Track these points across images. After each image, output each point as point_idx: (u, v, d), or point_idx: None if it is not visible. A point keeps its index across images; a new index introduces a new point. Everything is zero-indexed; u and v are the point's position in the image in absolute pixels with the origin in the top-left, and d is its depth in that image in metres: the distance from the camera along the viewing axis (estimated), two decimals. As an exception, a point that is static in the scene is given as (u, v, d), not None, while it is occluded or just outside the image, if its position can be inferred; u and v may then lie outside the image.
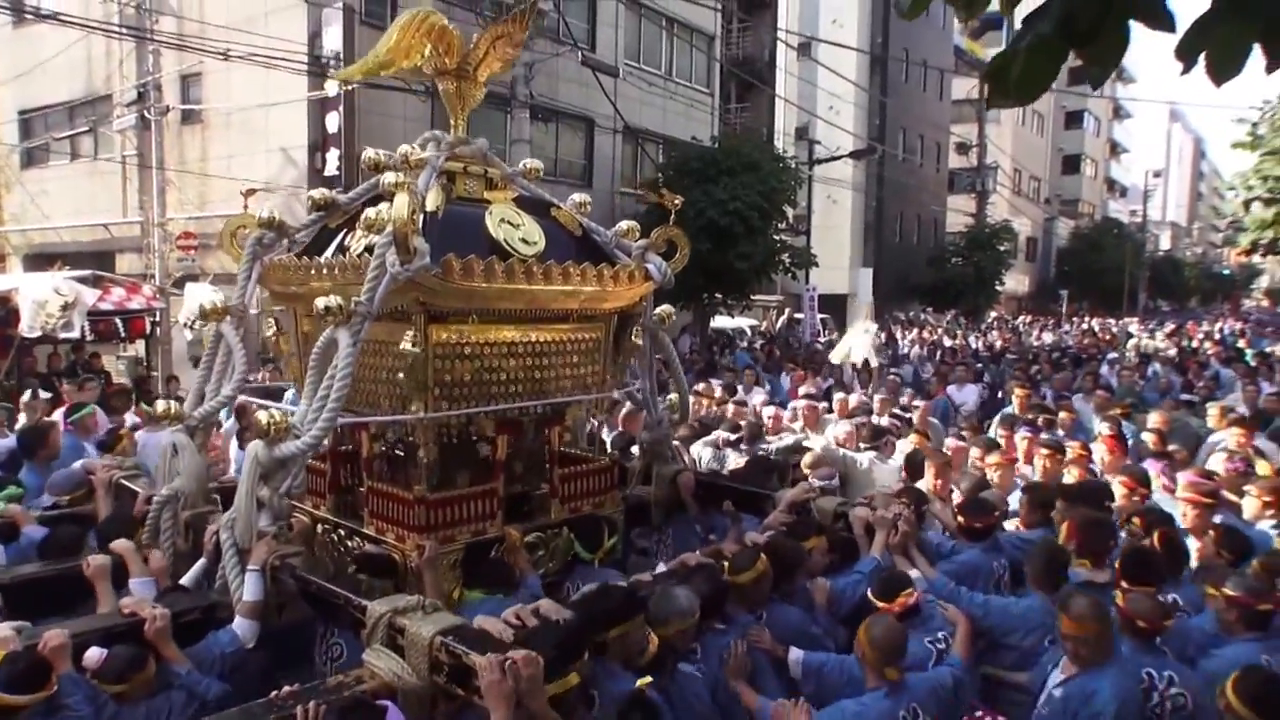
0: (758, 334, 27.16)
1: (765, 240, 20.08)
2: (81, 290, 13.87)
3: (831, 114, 28.92)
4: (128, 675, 3.35)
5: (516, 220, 4.64)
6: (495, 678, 2.82)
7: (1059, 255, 54.55)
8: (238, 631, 3.83)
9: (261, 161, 16.13)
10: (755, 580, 4.08)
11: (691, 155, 20.34)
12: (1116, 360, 18.39)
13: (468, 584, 4.33)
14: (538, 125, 17.16)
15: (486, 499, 4.53)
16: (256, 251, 4.73)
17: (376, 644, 3.37)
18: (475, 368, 4.43)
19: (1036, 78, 2.27)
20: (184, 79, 17.18)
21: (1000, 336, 28.26)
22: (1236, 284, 69.49)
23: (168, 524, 4.51)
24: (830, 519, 5.06)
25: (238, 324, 4.73)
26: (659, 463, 5.71)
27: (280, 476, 4.00)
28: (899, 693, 3.50)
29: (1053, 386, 12.89)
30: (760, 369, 15.78)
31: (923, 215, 40.97)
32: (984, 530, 4.89)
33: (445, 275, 4.02)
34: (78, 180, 19.43)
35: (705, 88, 24.65)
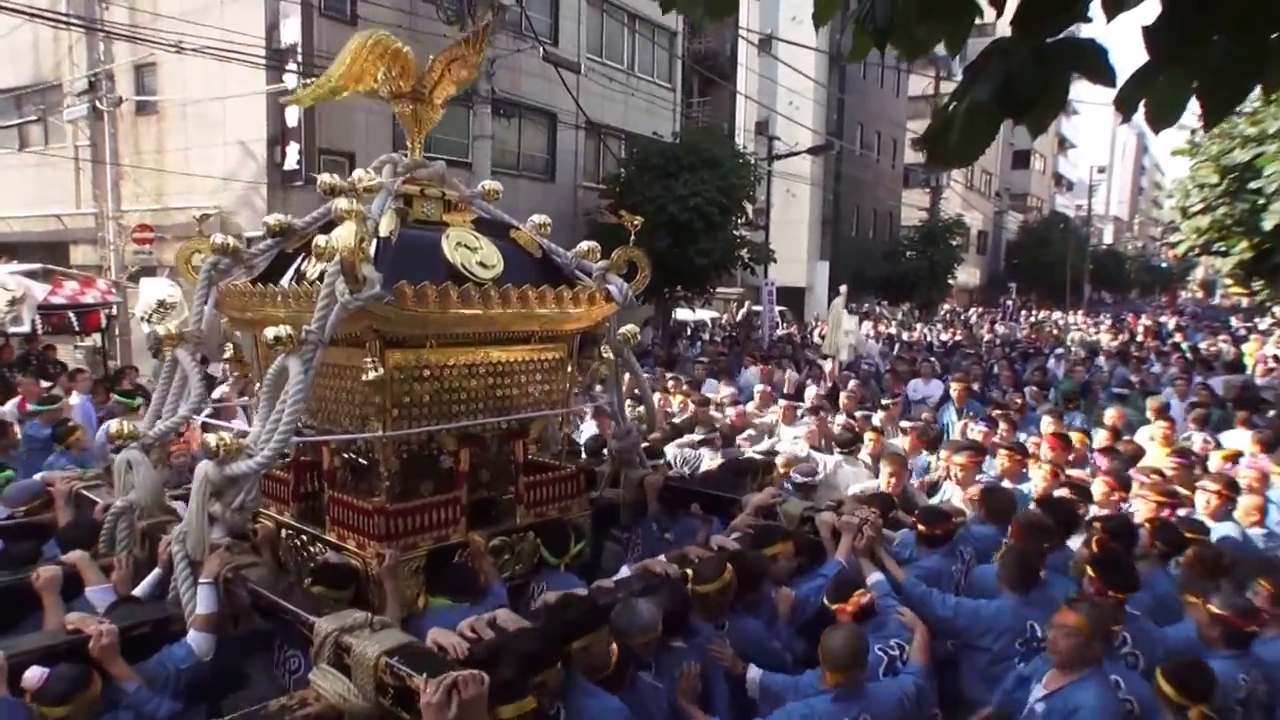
0: (718, 326, 27.15)
1: (725, 236, 20.05)
2: (30, 285, 13.53)
3: (791, 110, 28.93)
4: (70, 696, 3.10)
5: (474, 243, 4.51)
6: (437, 701, 2.70)
7: (1008, 249, 55.15)
8: (192, 646, 3.62)
9: (220, 155, 15.61)
10: (720, 591, 4.01)
11: (653, 151, 20.12)
12: (1063, 355, 18.63)
13: (431, 591, 4.24)
14: (500, 120, 16.84)
15: (449, 507, 4.44)
16: (212, 277, 4.62)
17: (323, 663, 3.20)
18: (435, 388, 4.37)
19: (974, 141, 2.26)
20: (138, 69, 16.52)
21: (952, 330, 28.39)
22: (1173, 277, 70.81)
23: (124, 534, 4.42)
24: (796, 523, 4.98)
25: (193, 349, 4.65)
26: (627, 468, 5.71)
27: (232, 493, 3.91)
28: (849, 699, 3.43)
29: (1002, 383, 12.91)
30: (720, 362, 15.80)
31: (879, 210, 41.26)
32: (943, 537, 4.86)
33: (399, 303, 3.90)
34: (26, 170, 18.65)
35: (667, 83, 24.42)
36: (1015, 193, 58.92)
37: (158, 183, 16.50)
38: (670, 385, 11.22)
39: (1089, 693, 3.46)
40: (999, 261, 55.14)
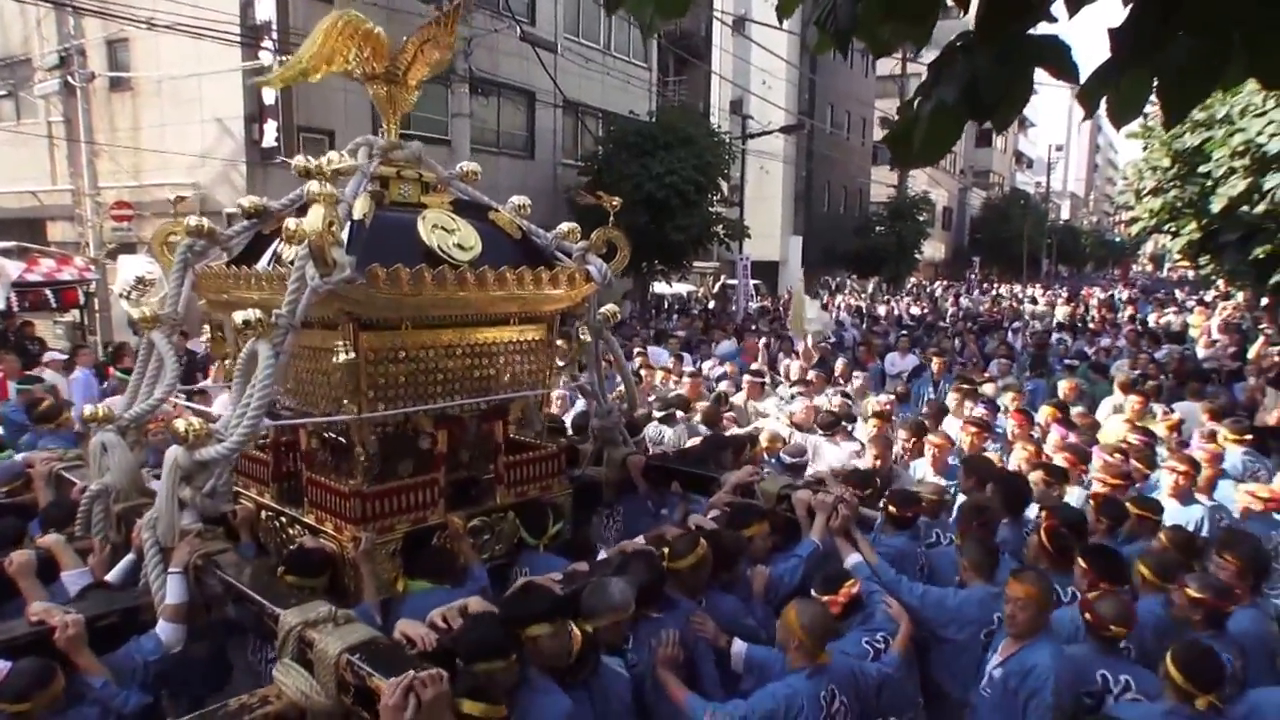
0: (694, 300, 27.07)
1: (701, 212, 20.00)
2: (3, 263, 13.18)
3: (764, 89, 28.81)
4: (31, 693, 2.90)
5: (451, 225, 4.30)
6: (395, 703, 2.52)
7: (972, 224, 55.24)
8: (161, 637, 3.45)
9: (196, 132, 15.13)
10: (694, 567, 3.88)
11: (630, 130, 20.00)
12: (1021, 328, 18.80)
13: (410, 574, 4.07)
14: (479, 99, 16.49)
15: (427, 488, 4.28)
16: (188, 259, 4.42)
17: (287, 658, 3.00)
18: (411, 370, 4.19)
19: (939, 142, 2.24)
20: (110, 44, 15.89)
21: (918, 303, 28.44)
22: (1126, 251, 71.33)
23: (99, 517, 4.23)
24: (773, 501, 4.83)
25: (170, 332, 4.45)
26: (610, 446, 5.56)
27: (203, 478, 3.73)
28: (820, 673, 3.36)
29: (966, 356, 12.95)
30: (697, 336, 15.74)
31: (849, 186, 41.22)
32: (911, 519, 4.73)
33: (371, 286, 3.71)
34: (1, 146, 17.91)
35: (643, 63, 24.08)
36: (978, 170, 59.05)
37: (135, 160, 15.96)
38: (650, 361, 11.02)
39: (1043, 652, 3.46)
40: (963, 237, 55.31)
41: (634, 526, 5.03)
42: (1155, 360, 12.04)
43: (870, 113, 41.50)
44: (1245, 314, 20.34)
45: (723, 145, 21.14)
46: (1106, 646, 3.61)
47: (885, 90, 41.37)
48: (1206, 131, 16.91)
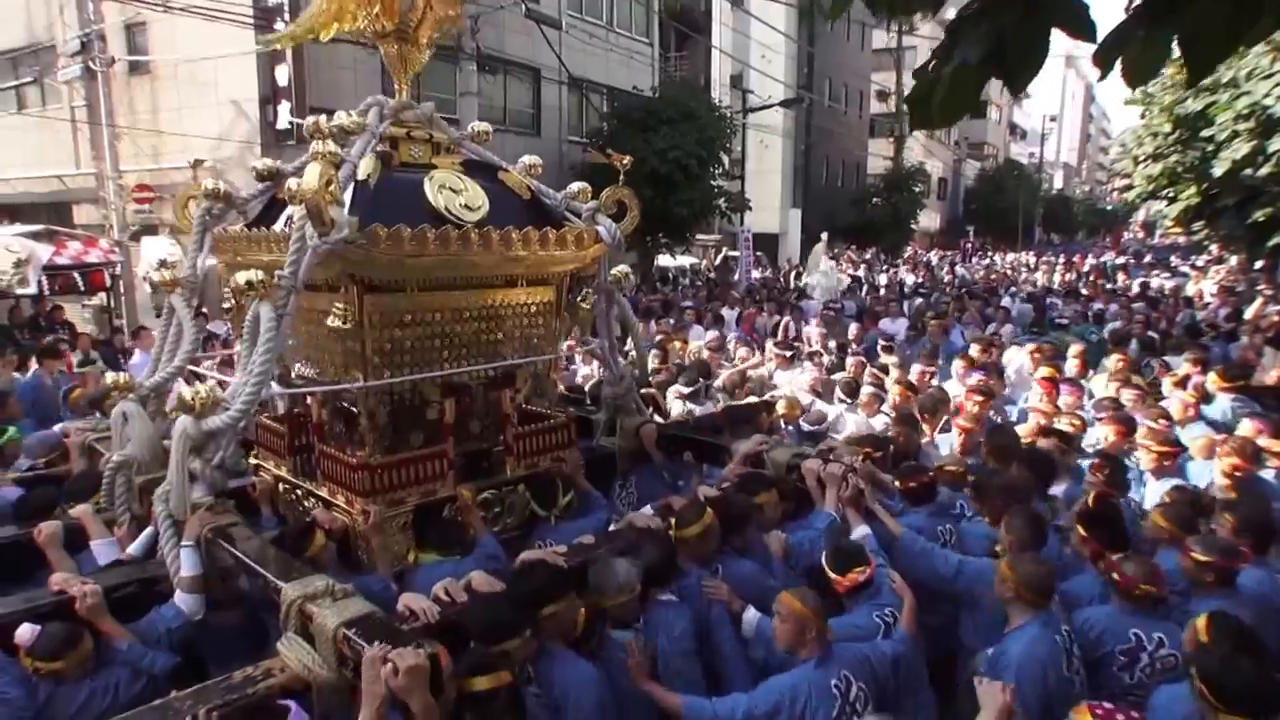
0: (697, 272, 26.92)
1: (703, 186, 19.83)
2: (34, 246, 13.08)
3: (764, 63, 28.42)
4: (62, 652, 2.96)
5: (459, 185, 4.08)
6: (370, 675, 2.46)
7: (966, 194, 54.65)
8: (181, 606, 3.40)
9: (213, 114, 14.96)
10: (701, 534, 3.74)
11: (633, 105, 19.83)
12: (1016, 294, 18.60)
13: (421, 545, 3.93)
14: (485, 77, 16.26)
15: (436, 460, 4.10)
16: (206, 223, 4.27)
17: (290, 631, 2.91)
18: (417, 334, 4.01)
19: (960, 103, 2.21)
20: (128, 28, 15.72)
21: (914, 272, 28.21)
22: (1118, 219, 70.50)
23: (122, 488, 4.10)
24: (783, 470, 4.65)
25: (189, 296, 4.31)
26: (623, 415, 5.37)
27: (211, 449, 3.60)
28: (828, 662, 3.14)
29: (964, 322, 12.78)
30: (703, 307, 15.45)
31: (846, 159, 40.86)
32: (920, 490, 4.48)
33: (371, 246, 3.52)
34: (26, 132, 17.86)
35: (645, 38, 23.69)
36: (973, 141, 58.31)
37: (155, 142, 15.82)
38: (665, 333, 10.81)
39: (1020, 641, 3.29)
40: (958, 207, 54.78)
41: (648, 497, 4.84)
42: (1147, 319, 11.93)
43: (867, 86, 41.09)
44: (1239, 278, 20.06)
45: (724, 120, 20.87)
46: (1136, 605, 3.45)
47: (881, 63, 40.83)
48: (1210, 96, 16.49)
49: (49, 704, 2.93)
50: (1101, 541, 3.83)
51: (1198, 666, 2.75)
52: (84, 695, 2.99)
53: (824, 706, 3.04)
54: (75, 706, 2.96)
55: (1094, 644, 3.45)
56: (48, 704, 2.93)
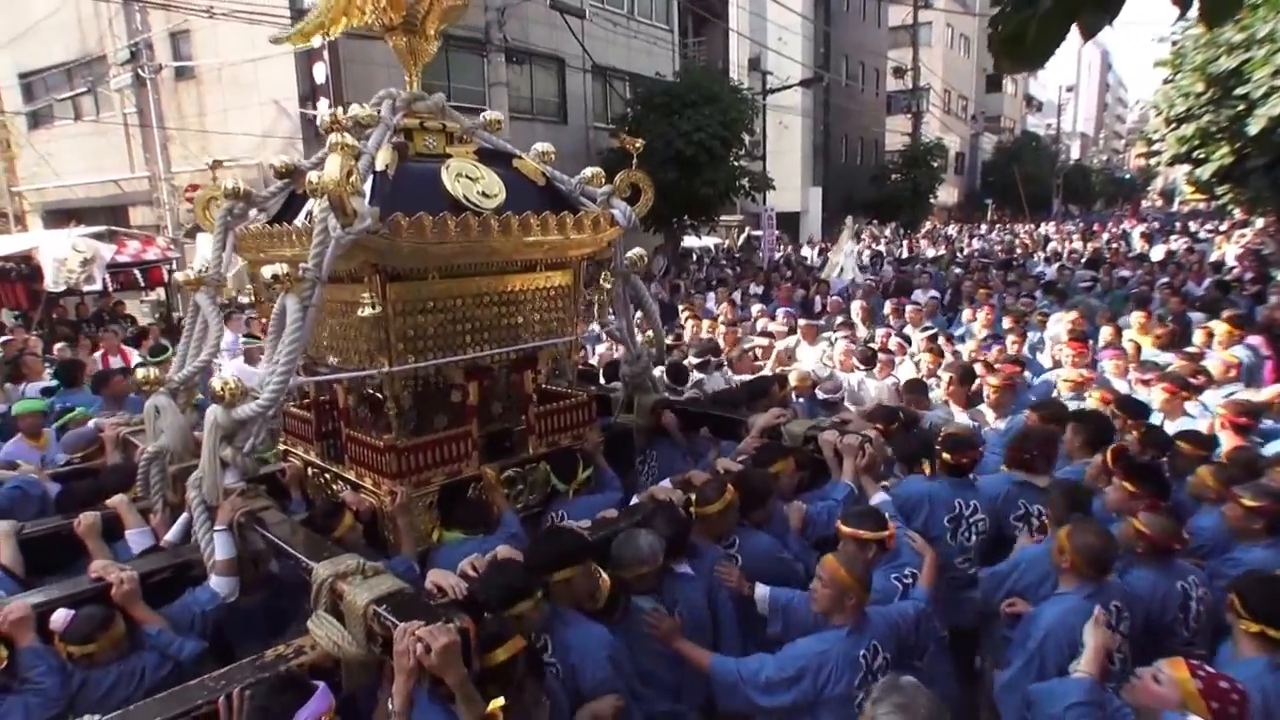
0: (721, 252, 26.71)
1: (727, 167, 19.55)
2: (98, 246, 13.34)
3: (781, 45, 27.92)
4: (95, 636, 2.96)
5: (475, 173, 3.98)
6: (400, 648, 2.44)
7: (984, 168, 53.46)
8: (215, 589, 3.39)
9: (256, 114, 15.05)
10: (722, 511, 3.65)
11: (656, 90, 19.52)
12: (1050, 262, 18.23)
13: (445, 525, 3.90)
14: (513, 67, 16.14)
15: (460, 441, 4.06)
16: (227, 222, 4.19)
17: (321, 610, 2.88)
18: (440, 320, 3.92)
19: (1051, 41, 2.16)
20: (173, 36, 15.87)
21: (934, 245, 27.72)
22: (1136, 187, 68.69)
23: (156, 478, 4.08)
24: (800, 442, 4.54)
25: (214, 293, 4.21)
26: (640, 393, 5.30)
27: (242, 436, 3.55)
28: (860, 631, 3.04)
29: (991, 286, 12.63)
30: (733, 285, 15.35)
31: (864, 137, 40.17)
32: (970, 466, 4.27)
33: (393, 235, 3.45)
34: (84, 139, 18.17)
35: (665, 24, 23.43)
36: (989, 115, 56.98)
37: (202, 144, 15.96)
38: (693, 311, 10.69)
39: (1053, 608, 3.20)
40: (975, 180, 53.65)
41: (668, 470, 4.78)
42: (1169, 284, 11.64)
43: (883, 63, 40.24)
44: (1265, 240, 19.40)
45: (745, 101, 20.52)
46: (1170, 562, 3.39)
47: (897, 40, 40.00)
48: (1245, 53, 15.91)
49: (82, 688, 2.93)
50: (1152, 493, 3.70)
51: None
52: (111, 679, 2.98)
53: (848, 674, 2.96)
54: (102, 690, 2.95)
55: (1161, 610, 3.35)
56: (81, 689, 2.93)
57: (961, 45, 51.13)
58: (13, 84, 19.73)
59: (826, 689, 2.94)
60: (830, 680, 2.95)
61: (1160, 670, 2.51)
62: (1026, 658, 3.16)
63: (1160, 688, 2.47)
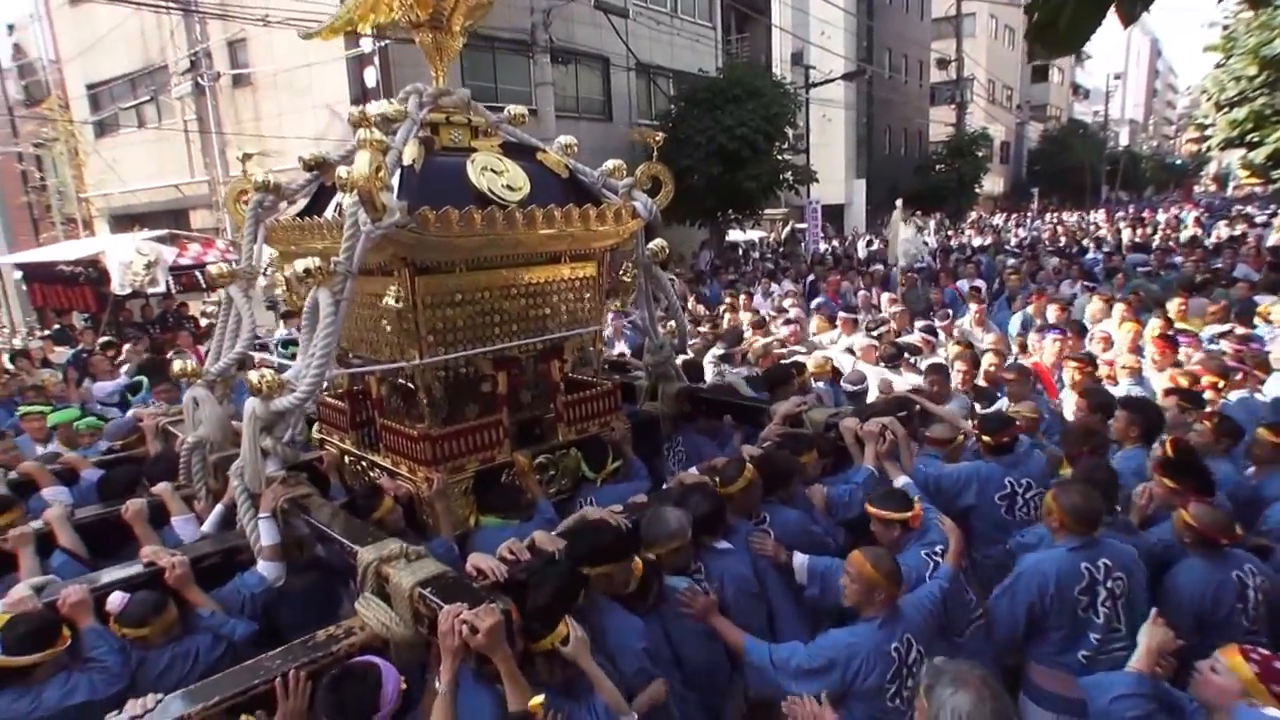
0: (765, 245, 26.29)
1: (770, 160, 19.29)
2: (161, 249, 13.56)
3: (823, 39, 27.43)
4: (148, 620, 3.01)
5: (500, 167, 3.97)
6: (445, 629, 2.49)
7: (1030, 157, 52.04)
8: (264, 573, 3.43)
9: (309, 118, 15.16)
10: (745, 489, 3.65)
11: (699, 86, 19.35)
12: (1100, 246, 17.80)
13: (482, 510, 3.94)
14: (559, 67, 15.99)
15: (492, 429, 4.08)
16: (258, 215, 4.19)
17: (368, 592, 2.95)
18: (468, 312, 3.92)
19: (1086, 26, 2.13)
20: (231, 45, 16.07)
21: (981, 235, 26.86)
22: (1188, 172, 65.89)
23: (198, 467, 4.18)
24: (821, 429, 4.57)
25: (246, 287, 4.24)
26: (664, 381, 5.34)
27: (281, 427, 3.61)
28: (893, 624, 2.97)
29: (1041, 279, 12.08)
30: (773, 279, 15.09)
31: (908, 128, 39.46)
32: (1010, 444, 4.22)
33: (422, 229, 3.44)
34: (147, 146, 18.56)
35: (707, 21, 23.20)
36: (1035, 104, 55.33)
37: (259, 148, 16.02)
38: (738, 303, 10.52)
39: (1036, 555, 3.34)
40: (1021, 169, 52.13)
41: (695, 456, 4.77)
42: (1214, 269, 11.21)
43: (926, 55, 39.35)
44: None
45: (788, 95, 20.21)
46: (1222, 553, 3.28)
47: (941, 31, 39.00)
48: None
49: (139, 669, 2.97)
50: (1192, 488, 3.58)
51: None
52: (166, 660, 3.00)
53: (880, 667, 2.89)
54: (158, 670, 2.98)
55: (1215, 606, 3.24)
56: (138, 669, 2.96)
57: (1006, 36, 49.70)
58: (81, 95, 20.20)
59: (857, 681, 2.89)
60: (861, 673, 2.89)
61: (1217, 660, 2.43)
62: (1000, 590, 3.35)
63: (1219, 678, 2.39)
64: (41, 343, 12.59)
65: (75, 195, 20.43)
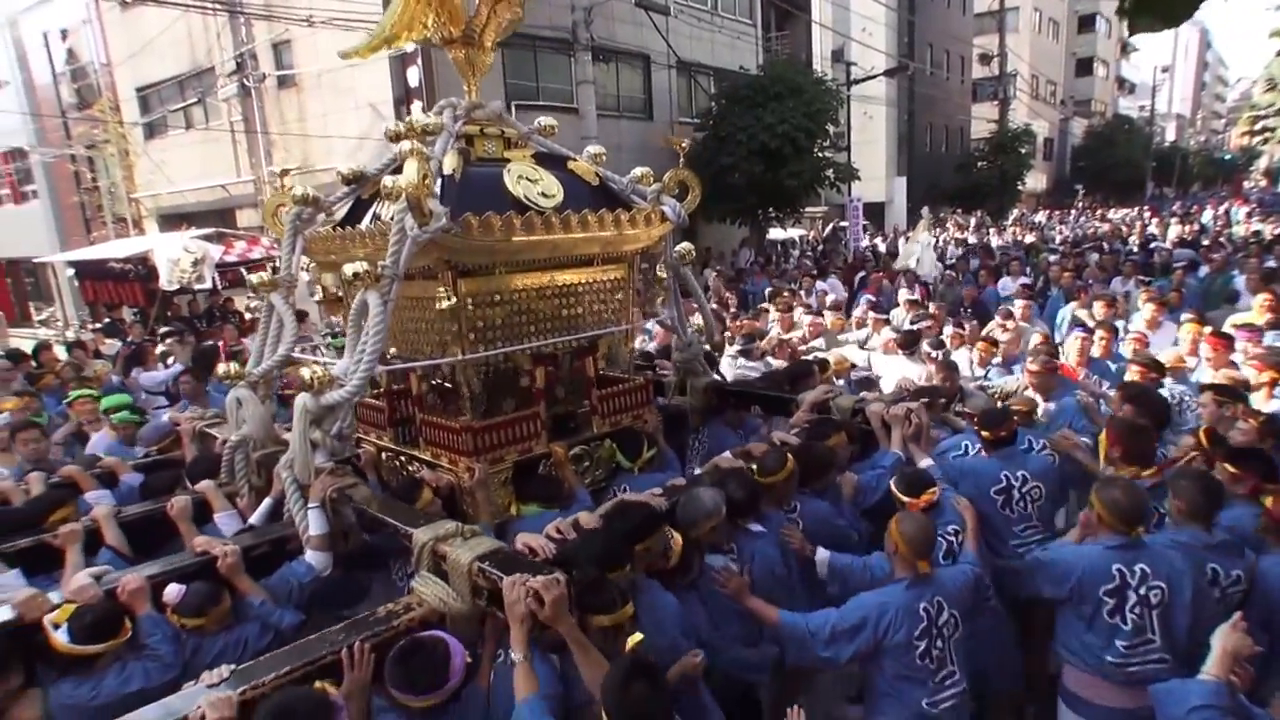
0: (806, 243, 25.85)
1: (812, 158, 18.97)
2: (208, 247, 13.73)
3: (864, 35, 26.92)
4: (206, 609, 3.11)
5: (535, 176, 4.13)
6: (513, 598, 2.60)
7: (1074, 153, 50.76)
8: (312, 563, 3.52)
9: (352, 118, 15.17)
10: (785, 480, 3.78)
11: (740, 84, 19.12)
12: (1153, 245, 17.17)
13: (521, 498, 4.06)
14: (599, 65, 15.82)
15: (530, 421, 4.24)
16: (297, 226, 4.34)
17: (424, 570, 3.08)
18: (507, 312, 4.10)
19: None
20: (275, 46, 16.20)
21: (1023, 231, 26.12)
22: (1238, 167, 63.56)
23: (241, 465, 4.33)
24: (848, 415, 4.73)
25: (286, 294, 4.41)
26: (692, 377, 5.51)
27: (330, 421, 3.76)
28: (922, 585, 3.16)
29: (1087, 275, 11.77)
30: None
31: (949, 125, 38.87)
32: (1009, 438, 4.19)
33: (465, 234, 3.61)
34: (194, 147, 18.82)
35: (748, 19, 22.97)
36: (1079, 100, 53.81)
37: (303, 148, 16.19)
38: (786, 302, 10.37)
39: (1074, 548, 3.34)
40: (1064, 165, 50.80)
41: (719, 447, 4.86)
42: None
43: (968, 50, 38.51)
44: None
45: (830, 92, 19.89)
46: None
47: (983, 26, 38.02)
48: None
49: (192, 657, 3.04)
50: (1257, 473, 3.55)
51: None
52: (219, 647, 3.08)
53: (908, 624, 3.09)
54: (210, 659, 3.01)
55: None
56: (191, 657, 3.04)
57: (1050, 29, 48.46)
58: (130, 97, 20.55)
59: (887, 637, 3.08)
60: (890, 628, 3.08)
61: None
62: (1031, 564, 3.44)
63: None
64: (93, 335, 12.76)
65: (125, 195, 20.75)
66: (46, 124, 21.41)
